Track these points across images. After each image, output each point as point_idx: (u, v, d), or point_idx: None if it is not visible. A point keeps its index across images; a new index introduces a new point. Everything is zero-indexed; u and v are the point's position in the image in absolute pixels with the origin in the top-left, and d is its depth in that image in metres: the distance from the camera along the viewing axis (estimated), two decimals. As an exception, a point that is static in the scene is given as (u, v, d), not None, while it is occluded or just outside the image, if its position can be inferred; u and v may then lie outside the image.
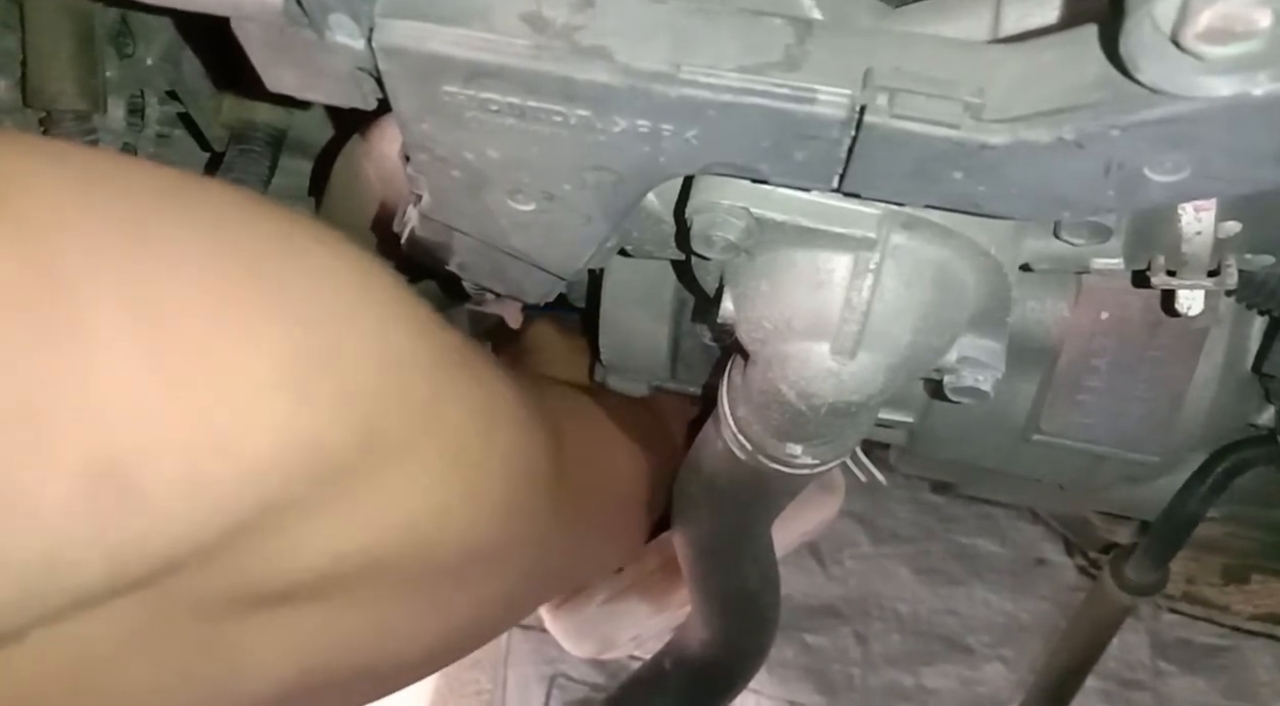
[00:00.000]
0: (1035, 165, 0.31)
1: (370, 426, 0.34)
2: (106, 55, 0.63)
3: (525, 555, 0.49)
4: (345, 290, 0.35)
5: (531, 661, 1.47)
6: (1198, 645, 1.46)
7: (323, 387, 0.32)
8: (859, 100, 0.31)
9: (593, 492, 0.59)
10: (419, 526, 0.38)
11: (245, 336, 0.29)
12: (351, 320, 0.34)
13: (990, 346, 0.42)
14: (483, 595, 0.47)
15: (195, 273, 0.29)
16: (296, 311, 0.32)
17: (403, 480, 0.36)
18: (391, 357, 0.36)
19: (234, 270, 0.31)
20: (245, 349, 0.29)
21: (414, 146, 0.38)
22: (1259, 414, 0.58)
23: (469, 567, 0.44)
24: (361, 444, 0.33)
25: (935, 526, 1.58)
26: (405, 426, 0.36)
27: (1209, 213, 0.39)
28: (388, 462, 0.35)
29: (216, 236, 0.31)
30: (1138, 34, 0.27)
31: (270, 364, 0.30)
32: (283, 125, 0.69)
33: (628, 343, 0.59)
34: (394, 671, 0.45)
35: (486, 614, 0.49)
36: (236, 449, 0.29)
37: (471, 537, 0.42)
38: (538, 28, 0.33)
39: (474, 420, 0.41)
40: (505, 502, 0.44)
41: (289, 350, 0.31)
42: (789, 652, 1.47)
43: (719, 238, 0.37)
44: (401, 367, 0.36)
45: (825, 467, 0.47)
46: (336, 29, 0.35)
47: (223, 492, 0.28)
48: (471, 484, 0.41)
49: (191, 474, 0.27)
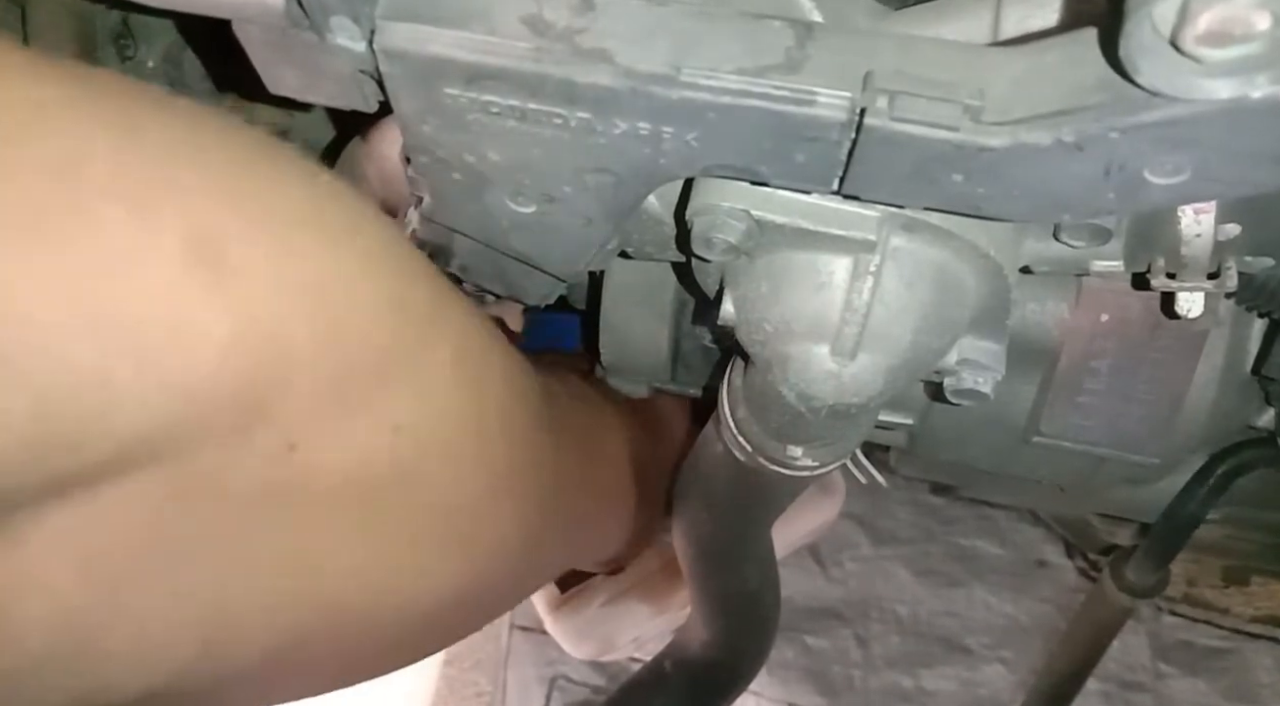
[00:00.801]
0: (1035, 167, 0.31)
1: (371, 327, 0.34)
2: (108, 57, 0.63)
3: (531, 501, 0.48)
4: (350, 217, 0.35)
5: (532, 663, 1.47)
6: (1198, 647, 1.46)
7: (337, 288, 0.32)
8: (859, 102, 0.31)
9: (587, 459, 0.59)
10: (435, 444, 0.38)
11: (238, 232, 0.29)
12: (356, 239, 0.34)
13: (990, 348, 0.42)
14: (494, 539, 0.46)
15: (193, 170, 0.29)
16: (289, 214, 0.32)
17: (417, 381, 0.36)
18: (393, 267, 0.36)
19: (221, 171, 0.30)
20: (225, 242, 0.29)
21: (415, 148, 0.39)
22: (1259, 416, 0.58)
23: (486, 502, 0.43)
24: (377, 340, 0.34)
25: (935, 528, 1.58)
26: (415, 325, 0.36)
27: (1209, 215, 0.40)
28: (402, 362, 0.35)
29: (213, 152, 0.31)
30: (1137, 36, 0.27)
31: (259, 262, 0.29)
32: (283, 127, 0.69)
33: (628, 344, 0.59)
34: (403, 621, 0.43)
35: (498, 568, 0.48)
36: (204, 331, 0.28)
37: (482, 457, 0.41)
38: (539, 30, 0.33)
39: (475, 332, 0.41)
40: (508, 425, 0.43)
41: (278, 252, 0.30)
42: (789, 654, 1.47)
43: (719, 240, 0.37)
44: (404, 275, 0.36)
45: (825, 469, 0.47)
46: (337, 31, 0.35)
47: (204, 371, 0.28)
48: (479, 393, 0.40)
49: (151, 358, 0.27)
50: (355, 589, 0.39)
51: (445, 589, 0.44)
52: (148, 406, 0.27)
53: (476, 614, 0.53)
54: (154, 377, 0.27)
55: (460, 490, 0.41)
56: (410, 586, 0.42)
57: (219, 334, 0.28)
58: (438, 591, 0.43)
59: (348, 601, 0.39)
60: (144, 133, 0.29)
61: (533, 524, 0.49)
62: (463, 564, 0.44)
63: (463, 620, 0.52)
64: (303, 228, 0.32)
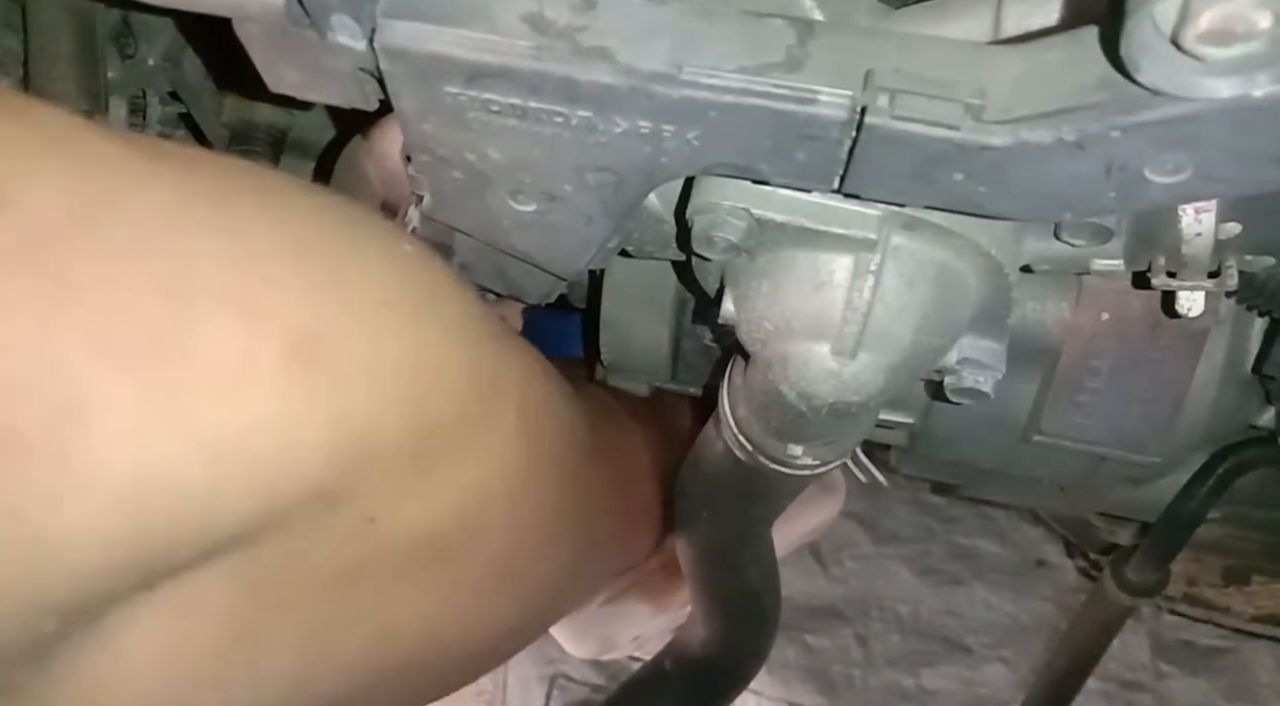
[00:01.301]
0: (1036, 166, 0.31)
1: (451, 397, 0.34)
2: (108, 55, 0.63)
3: (577, 529, 0.49)
4: (410, 274, 0.35)
5: (532, 662, 1.47)
6: (1199, 646, 1.46)
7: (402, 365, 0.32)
8: (860, 101, 0.31)
9: (619, 477, 0.60)
10: (500, 497, 0.38)
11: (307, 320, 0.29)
12: (425, 311, 0.34)
13: (991, 347, 0.42)
14: (544, 574, 0.47)
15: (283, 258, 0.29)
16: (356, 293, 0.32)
17: (486, 441, 0.37)
18: (470, 332, 0.36)
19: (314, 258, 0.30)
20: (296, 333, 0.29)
21: (415, 147, 0.39)
22: (1259, 415, 0.58)
23: (540, 542, 0.44)
24: (454, 410, 0.34)
25: (936, 527, 1.58)
26: (487, 387, 0.36)
27: (1209, 214, 0.39)
28: (474, 425, 0.35)
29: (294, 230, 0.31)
30: (1138, 35, 0.27)
31: (344, 352, 0.30)
32: (284, 125, 0.69)
33: (628, 343, 0.59)
34: (462, 660, 0.44)
35: (547, 598, 0.49)
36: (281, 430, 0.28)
37: (539, 500, 0.42)
38: (539, 28, 0.33)
39: (535, 379, 0.41)
40: (560, 462, 0.44)
41: (346, 336, 0.30)
42: (790, 653, 1.47)
43: (720, 238, 0.37)
44: (478, 339, 0.36)
45: (826, 468, 0.47)
46: (338, 29, 0.35)
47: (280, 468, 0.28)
48: (537, 439, 0.41)
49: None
50: (424, 642, 0.39)
51: (501, 625, 0.45)
52: (244, 511, 0.27)
53: (524, 640, 0.54)
54: (255, 487, 0.27)
55: (518, 534, 0.42)
56: (471, 630, 0.43)
57: (317, 439, 0.28)
58: (494, 629, 0.44)
59: (415, 651, 0.39)
60: (244, 229, 0.29)
61: (580, 550, 0.50)
62: (518, 600, 0.45)
63: (512, 648, 0.53)
64: (391, 307, 0.32)
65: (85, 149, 0.26)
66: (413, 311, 0.33)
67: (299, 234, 0.31)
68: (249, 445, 0.27)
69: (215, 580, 0.29)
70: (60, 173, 0.25)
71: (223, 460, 0.26)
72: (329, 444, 0.29)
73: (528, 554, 0.44)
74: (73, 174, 0.25)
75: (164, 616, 0.28)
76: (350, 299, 0.31)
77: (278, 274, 0.29)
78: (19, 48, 0.61)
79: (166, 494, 0.25)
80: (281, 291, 0.28)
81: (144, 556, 0.26)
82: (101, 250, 0.25)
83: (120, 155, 0.27)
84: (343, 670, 0.36)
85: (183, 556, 0.27)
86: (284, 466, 0.28)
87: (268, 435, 0.27)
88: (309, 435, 0.28)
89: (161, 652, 0.29)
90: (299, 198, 0.33)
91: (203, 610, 0.29)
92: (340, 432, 0.29)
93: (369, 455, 0.31)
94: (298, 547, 0.31)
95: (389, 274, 0.33)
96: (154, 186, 0.27)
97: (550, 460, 0.43)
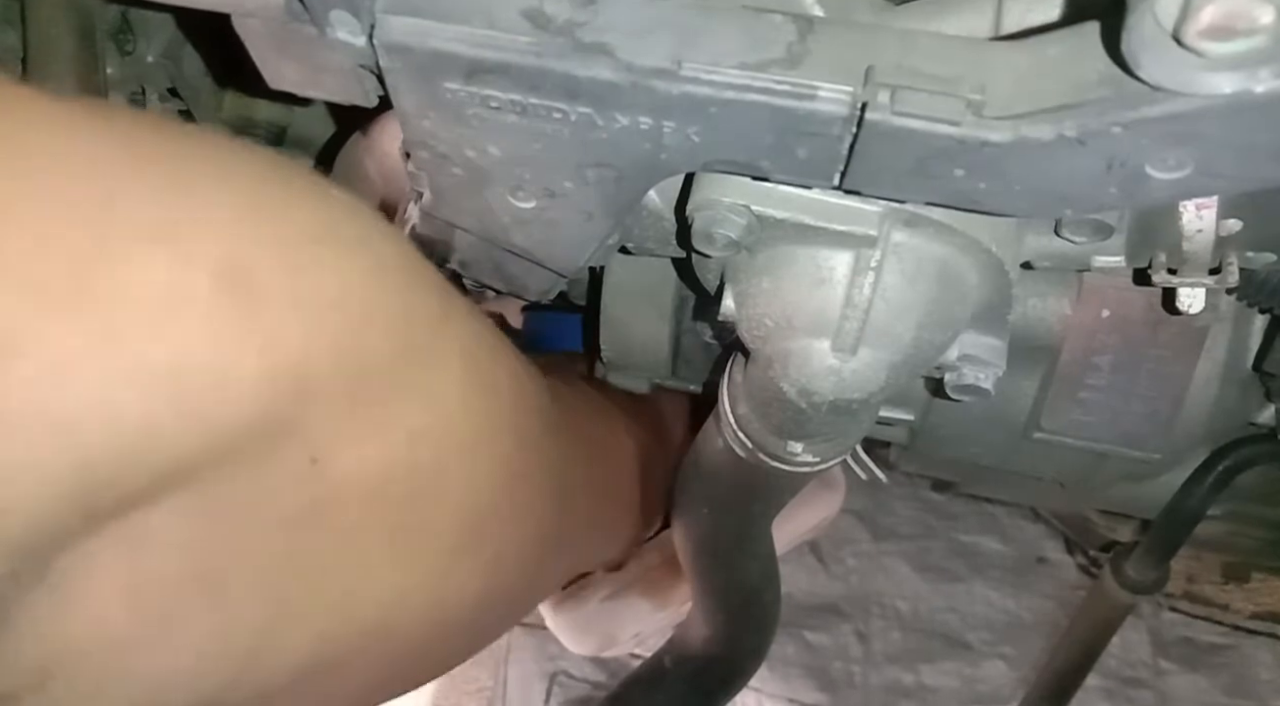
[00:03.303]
0: (1037, 162, 0.31)
1: (385, 336, 0.34)
2: (107, 52, 0.63)
3: (544, 502, 0.49)
4: (355, 224, 0.35)
5: (532, 659, 1.47)
6: (1199, 643, 1.46)
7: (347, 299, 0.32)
8: (860, 97, 0.31)
9: (595, 461, 0.59)
10: (452, 449, 0.38)
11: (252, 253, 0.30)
12: (365, 251, 0.35)
13: (992, 344, 0.42)
14: (510, 542, 0.47)
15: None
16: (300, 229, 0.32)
17: (429, 387, 0.37)
18: (403, 276, 0.36)
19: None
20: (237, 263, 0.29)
21: (415, 143, 0.38)
22: (1260, 412, 0.58)
23: (502, 506, 0.44)
24: (389, 349, 0.34)
25: (936, 524, 1.58)
26: (424, 332, 0.36)
27: (1210, 210, 0.39)
28: (413, 369, 0.36)
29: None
30: (1140, 31, 0.27)
31: (275, 277, 0.30)
32: (283, 122, 0.69)
33: (628, 340, 0.59)
34: (431, 631, 0.44)
35: (515, 571, 0.49)
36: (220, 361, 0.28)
37: (496, 459, 0.42)
38: (539, 24, 0.33)
39: (481, 337, 0.41)
40: (519, 428, 0.44)
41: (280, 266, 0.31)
42: (790, 650, 1.47)
43: (720, 235, 0.37)
44: (413, 283, 0.37)
45: (826, 465, 0.47)
46: (338, 25, 0.35)
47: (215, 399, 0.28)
48: (489, 397, 0.41)
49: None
50: (386, 601, 0.39)
51: (468, 595, 0.44)
52: (183, 442, 0.28)
53: (496, 620, 0.54)
54: (191, 416, 0.27)
55: (477, 494, 0.42)
56: (436, 594, 0.42)
57: (251, 367, 0.29)
58: (461, 598, 0.44)
59: (380, 614, 0.39)
60: (165, 165, 0.29)
61: (547, 525, 0.50)
62: (483, 568, 0.45)
63: (484, 628, 0.52)
64: (320, 243, 0.32)
65: (6, 101, 0.26)
66: (344, 248, 0.33)
67: (221, 171, 0.31)
68: (182, 374, 0.27)
69: (166, 515, 0.29)
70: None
71: (157, 390, 0.26)
72: (262, 373, 0.29)
73: (490, 521, 0.44)
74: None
75: (118, 554, 0.28)
76: (280, 233, 0.31)
77: (204, 207, 0.29)
78: (18, 44, 0.61)
79: (102, 426, 0.25)
80: (209, 223, 0.29)
81: (86, 490, 0.26)
82: (17, 192, 0.25)
83: (36, 101, 0.27)
84: (308, 629, 0.36)
85: (128, 490, 0.27)
86: (219, 395, 0.28)
87: (200, 364, 0.27)
88: (241, 364, 0.28)
89: (120, 591, 0.29)
90: (220, 140, 0.33)
91: (157, 545, 0.29)
92: (272, 362, 0.29)
93: (304, 388, 0.31)
94: (245, 485, 0.31)
95: (319, 212, 0.33)
96: (72, 130, 0.27)
97: (508, 422, 0.43)
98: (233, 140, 0.34)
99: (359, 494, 0.35)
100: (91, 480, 0.26)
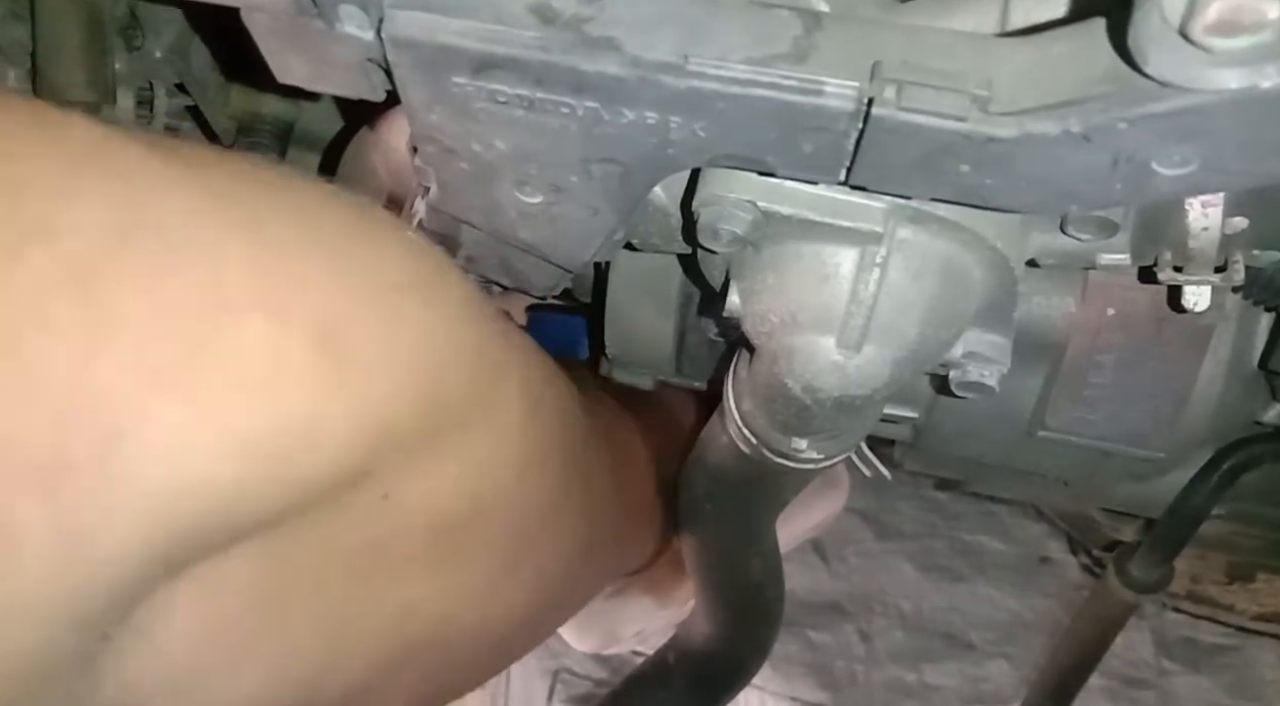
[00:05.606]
0: (1042, 158, 0.31)
1: (461, 375, 0.35)
2: (115, 47, 0.63)
3: (581, 515, 0.49)
4: (412, 262, 0.35)
5: (535, 656, 1.47)
6: (1202, 644, 1.45)
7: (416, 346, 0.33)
8: (866, 92, 0.31)
9: (621, 470, 0.60)
10: (509, 478, 0.39)
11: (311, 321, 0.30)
12: (427, 295, 0.35)
13: (996, 341, 0.42)
14: (550, 561, 0.47)
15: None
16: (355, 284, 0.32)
17: (493, 420, 0.37)
18: (473, 314, 0.37)
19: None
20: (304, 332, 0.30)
21: (422, 138, 0.39)
22: (1265, 411, 0.58)
23: (546, 527, 0.44)
24: (464, 386, 0.35)
25: (939, 523, 1.58)
26: (491, 367, 0.37)
27: (1216, 208, 0.39)
28: (481, 404, 0.36)
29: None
30: (1146, 26, 0.27)
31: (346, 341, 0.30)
32: (290, 117, 0.69)
33: (633, 336, 0.59)
34: (478, 646, 0.45)
35: (556, 585, 0.50)
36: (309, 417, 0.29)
37: (544, 480, 0.43)
38: (546, 19, 0.33)
39: (535, 361, 0.42)
40: (563, 445, 0.44)
41: (354, 323, 0.31)
42: (792, 648, 1.47)
43: (726, 231, 0.37)
44: (481, 320, 0.37)
45: (830, 462, 0.47)
46: (346, 20, 0.35)
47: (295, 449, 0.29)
48: (540, 420, 0.42)
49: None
50: (438, 619, 0.40)
51: (514, 610, 0.45)
52: (271, 500, 0.28)
53: (535, 633, 0.55)
54: (281, 478, 0.28)
55: (526, 512, 0.42)
56: (484, 612, 0.43)
57: (340, 423, 0.29)
58: (508, 613, 0.45)
59: (431, 631, 0.40)
60: (263, 226, 0.29)
61: (582, 537, 0.51)
62: (528, 583, 0.46)
63: (524, 641, 0.53)
64: (404, 292, 0.33)
65: (115, 162, 0.27)
66: (423, 294, 0.34)
67: (314, 226, 0.32)
68: (278, 441, 0.27)
69: (241, 559, 0.29)
70: (95, 191, 0.26)
71: (251, 458, 0.27)
72: (350, 427, 0.29)
73: (534, 538, 0.44)
74: (107, 191, 0.26)
75: (195, 596, 0.29)
76: (366, 286, 0.31)
77: (299, 268, 0.29)
78: (27, 39, 0.61)
79: (196, 495, 0.26)
80: (304, 284, 0.29)
81: (173, 547, 0.26)
82: (140, 268, 0.25)
83: (147, 163, 0.27)
84: (364, 650, 0.37)
85: (209, 546, 0.28)
86: (309, 456, 0.28)
87: (295, 429, 0.28)
88: (334, 424, 0.29)
89: (194, 633, 0.30)
90: (308, 191, 0.33)
91: (230, 588, 0.30)
92: (362, 417, 0.30)
93: (388, 436, 0.31)
94: (319, 526, 0.31)
95: (399, 259, 0.34)
96: (180, 193, 0.28)
97: (555, 442, 0.44)
98: (318, 184, 0.34)
99: (423, 524, 0.36)
100: (180, 539, 0.26)
